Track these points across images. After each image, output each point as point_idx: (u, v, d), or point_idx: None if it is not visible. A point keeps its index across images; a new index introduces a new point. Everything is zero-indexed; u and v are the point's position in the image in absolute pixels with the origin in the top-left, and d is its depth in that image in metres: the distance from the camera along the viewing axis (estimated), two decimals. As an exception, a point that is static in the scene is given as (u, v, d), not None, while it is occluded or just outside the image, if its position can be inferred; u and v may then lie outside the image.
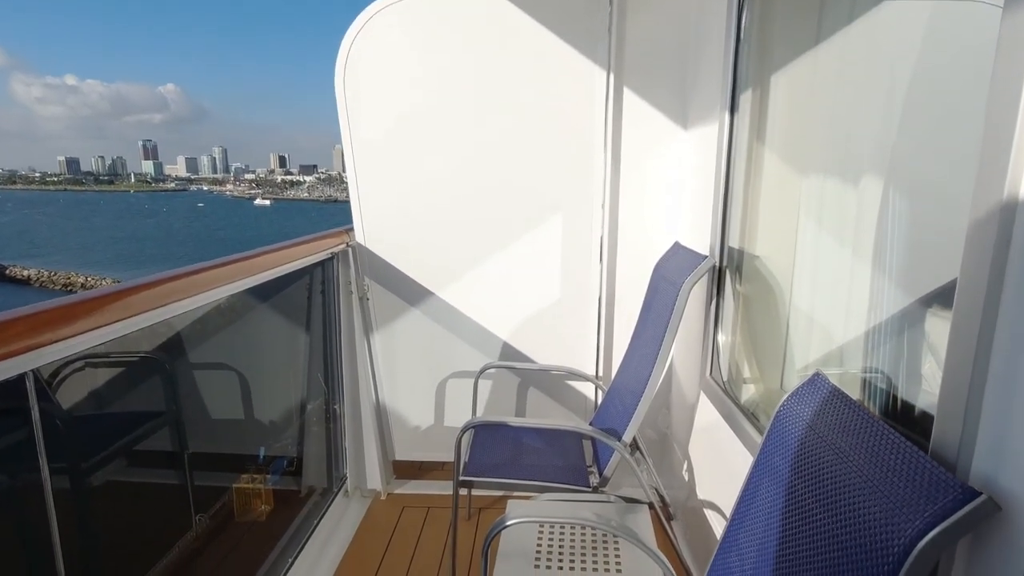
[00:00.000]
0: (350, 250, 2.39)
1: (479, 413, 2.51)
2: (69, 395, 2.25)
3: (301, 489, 2.66)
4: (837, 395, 1.00)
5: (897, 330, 1.24)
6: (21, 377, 0.95)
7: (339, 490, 2.54)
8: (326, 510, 2.39)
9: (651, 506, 1.71)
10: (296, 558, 2.09)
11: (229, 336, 2.83)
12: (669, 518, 2.28)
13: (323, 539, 2.26)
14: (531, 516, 1.29)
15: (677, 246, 2.10)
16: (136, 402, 2.48)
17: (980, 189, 0.73)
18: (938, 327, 1.12)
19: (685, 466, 2.20)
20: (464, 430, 1.78)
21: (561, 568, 1.42)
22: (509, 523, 1.24)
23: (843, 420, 0.95)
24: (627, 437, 1.80)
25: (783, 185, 1.70)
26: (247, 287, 1.74)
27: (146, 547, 2.45)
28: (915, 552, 0.70)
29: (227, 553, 2.61)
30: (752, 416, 1.64)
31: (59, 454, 2.02)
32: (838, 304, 1.48)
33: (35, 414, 1.04)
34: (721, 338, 1.92)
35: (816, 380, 1.06)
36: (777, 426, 1.10)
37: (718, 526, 1.79)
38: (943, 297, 1.06)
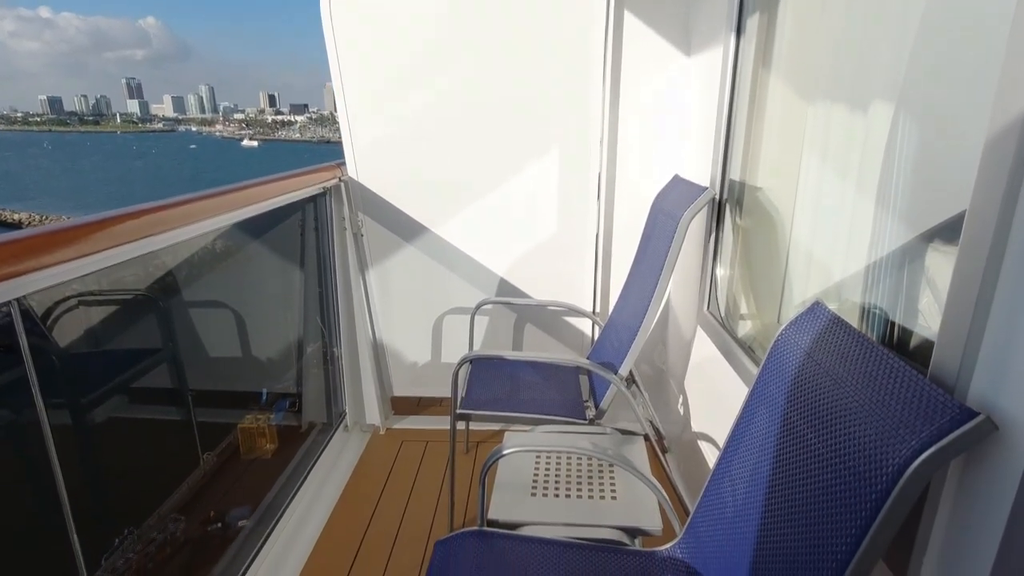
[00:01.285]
0: (342, 185, 2.34)
1: (476, 349, 2.52)
2: (64, 333, 2.24)
3: (302, 425, 2.70)
4: (837, 323, 0.99)
5: (897, 265, 1.22)
6: (7, 309, 0.93)
7: (338, 425, 2.58)
8: (326, 444, 2.43)
9: (646, 438, 1.73)
10: (298, 490, 2.14)
11: (223, 274, 2.81)
12: (664, 450, 2.33)
13: (324, 472, 2.31)
14: (528, 445, 1.30)
15: (677, 179, 2.06)
16: (132, 340, 2.48)
17: (999, 109, 0.70)
18: (938, 261, 1.10)
19: (680, 400, 2.23)
20: (461, 364, 1.79)
21: (557, 496, 1.45)
22: (506, 452, 1.26)
23: (841, 347, 0.94)
24: (623, 371, 1.81)
25: (788, 113, 1.65)
26: (236, 220, 1.71)
27: (156, 484, 2.51)
28: (909, 472, 0.71)
29: (231, 487, 2.67)
30: (748, 349, 1.65)
31: (57, 390, 2.03)
32: (839, 238, 1.46)
33: (23, 343, 1.03)
34: (719, 272, 1.91)
35: (816, 309, 1.05)
36: (774, 355, 1.10)
37: (711, 457, 1.83)
38: (946, 232, 1.04)
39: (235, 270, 2.86)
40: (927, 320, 1.07)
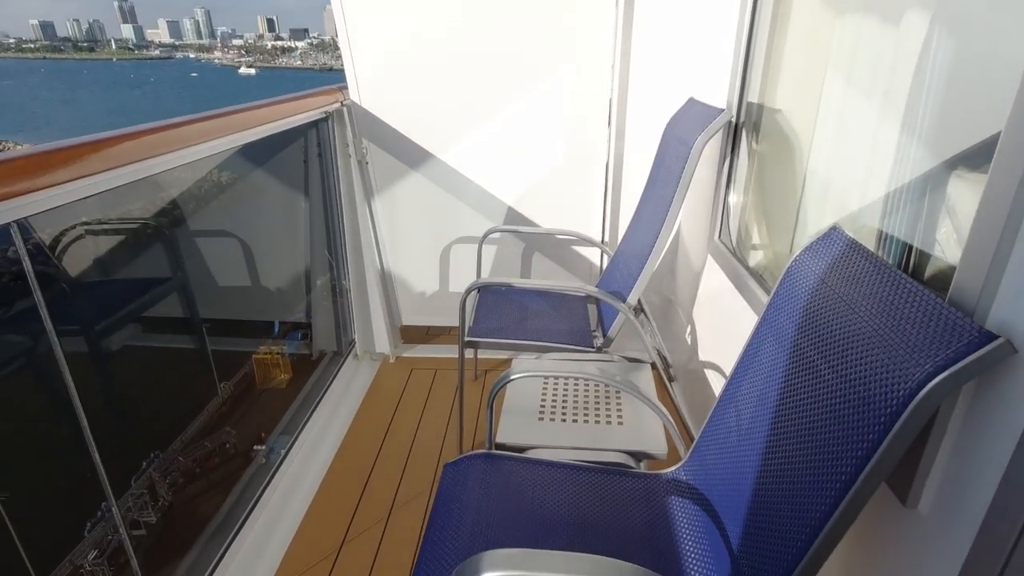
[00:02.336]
0: (344, 109, 2.26)
1: (484, 277, 2.51)
2: (74, 263, 2.25)
3: (313, 353, 2.74)
4: (854, 248, 0.96)
5: (919, 192, 1.18)
6: (6, 231, 0.92)
7: (348, 354, 2.62)
8: (337, 372, 2.48)
9: (653, 366, 1.75)
10: (311, 416, 2.19)
11: (227, 204, 2.79)
12: (670, 379, 2.36)
13: (336, 399, 2.36)
14: (535, 371, 1.31)
15: (692, 102, 1.97)
16: (141, 269, 2.50)
17: None
18: (960, 189, 1.06)
19: (688, 330, 2.23)
20: (468, 291, 1.78)
21: (564, 421, 1.48)
22: (514, 377, 1.26)
23: (857, 272, 0.92)
24: (631, 299, 1.80)
25: (814, 28, 1.55)
26: (237, 145, 1.66)
27: (178, 412, 2.59)
28: (921, 395, 0.70)
29: (247, 415, 2.75)
30: (760, 278, 1.63)
31: (69, 317, 2.06)
32: (858, 164, 1.41)
33: (27, 266, 1.02)
34: (732, 199, 1.86)
35: (832, 234, 1.02)
36: (787, 282, 1.08)
37: (717, 386, 1.85)
38: (972, 158, 1.00)
39: (240, 200, 2.83)
40: (944, 250, 1.04)
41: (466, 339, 1.86)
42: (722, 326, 1.88)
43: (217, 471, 2.40)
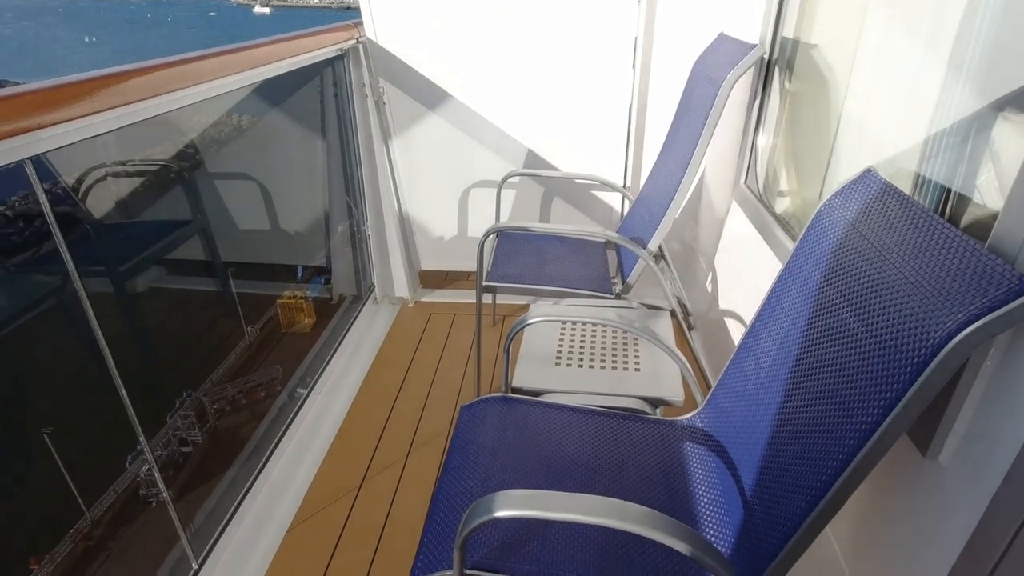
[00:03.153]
0: (360, 47, 2.20)
1: (502, 222, 2.48)
2: (97, 205, 2.27)
3: (333, 297, 2.77)
4: (888, 191, 0.91)
5: (961, 135, 1.11)
6: (21, 168, 0.91)
7: (368, 297, 2.64)
8: (357, 315, 2.50)
9: (672, 314, 1.72)
10: (332, 357, 2.23)
11: (245, 146, 2.77)
12: (689, 327, 2.34)
13: (356, 342, 2.39)
14: (553, 315, 1.30)
15: (722, 37, 1.87)
16: (163, 211, 2.51)
17: None
18: (1007, 132, 1.00)
19: (709, 278, 2.20)
20: (487, 235, 1.76)
21: (581, 366, 1.47)
22: (531, 320, 1.26)
23: (891, 217, 0.88)
24: (652, 245, 1.77)
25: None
26: (250, 83, 1.63)
27: (207, 353, 2.65)
28: (952, 344, 0.67)
29: (273, 356, 2.80)
30: (786, 224, 1.58)
31: (94, 257, 2.09)
32: (898, 105, 1.33)
33: (44, 203, 1.02)
34: (761, 142, 1.79)
35: (866, 177, 0.98)
36: (815, 227, 1.04)
37: (737, 336, 1.83)
38: (1022, 99, 0.93)
39: (257, 143, 2.81)
40: (985, 197, 0.99)
41: (484, 284, 1.85)
42: (744, 274, 1.84)
43: (262, 404, 2.48)
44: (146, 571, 1.63)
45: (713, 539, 1.01)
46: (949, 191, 1.01)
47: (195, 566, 1.44)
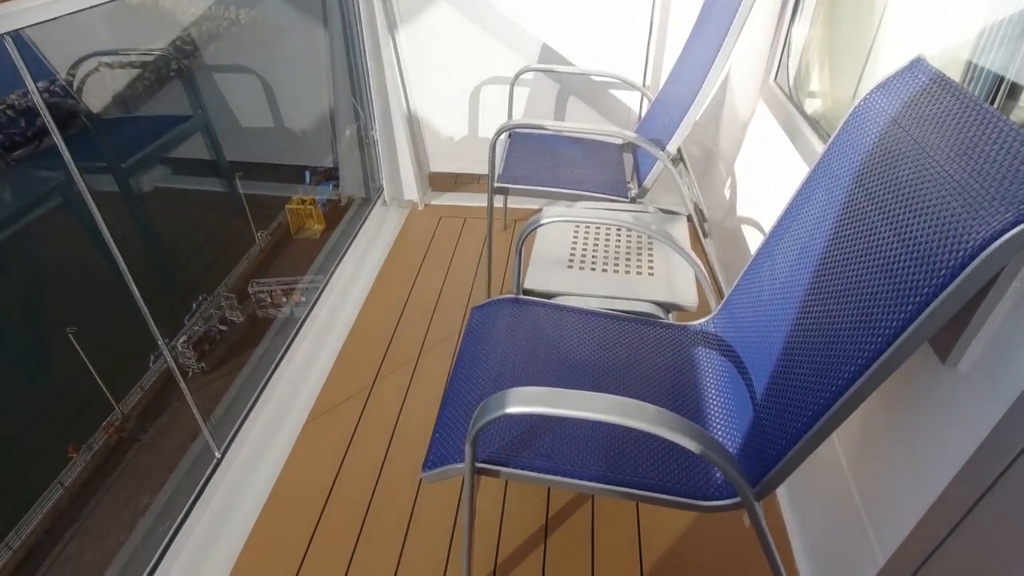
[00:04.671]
0: None
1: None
2: (93, 100, 2.19)
3: (341, 199, 2.72)
4: (939, 83, 0.84)
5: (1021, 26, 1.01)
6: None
7: (377, 200, 2.59)
8: (366, 218, 2.46)
9: (688, 219, 1.67)
10: (340, 261, 2.22)
11: (243, 37, 2.62)
12: (704, 235, 2.29)
13: (365, 244, 2.37)
14: (567, 216, 1.26)
15: (762, -87, 1.69)
16: (161, 105, 2.42)
17: None
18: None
19: (728, 183, 2.12)
20: (499, 133, 1.69)
21: (594, 270, 1.45)
22: (544, 221, 1.22)
23: (939, 111, 0.81)
24: (671, 147, 1.69)
25: None
26: None
27: (219, 258, 2.64)
28: (993, 247, 0.64)
29: (284, 262, 2.80)
30: (816, 125, 1.49)
31: (93, 153, 2.04)
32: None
33: (29, 83, 0.97)
34: (796, 33, 1.66)
35: (915, 66, 0.90)
36: (853, 122, 0.97)
37: (754, 245, 1.78)
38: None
39: (256, 34, 2.66)
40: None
41: (495, 185, 1.80)
42: (767, 180, 1.77)
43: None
44: (174, 459, 1.71)
45: (721, 440, 1.02)
46: (1005, 83, 0.93)
47: (217, 455, 1.51)
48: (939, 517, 0.82)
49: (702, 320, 1.27)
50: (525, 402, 0.77)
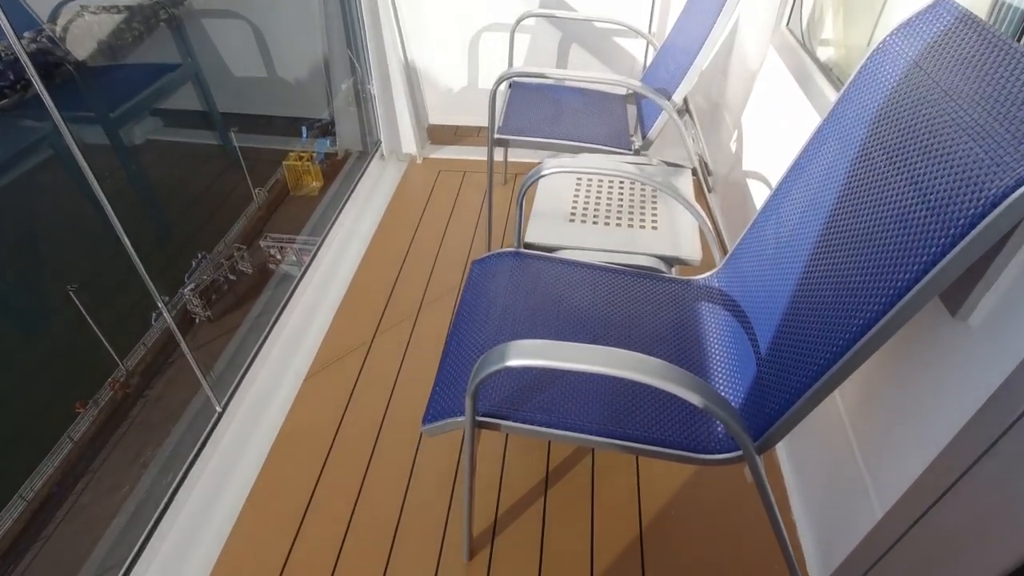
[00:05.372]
0: None
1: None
2: (77, 49, 2.11)
3: (338, 152, 2.67)
4: (965, 21, 0.79)
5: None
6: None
7: (374, 153, 2.53)
8: (363, 172, 2.41)
9: (693, 172, 1.63)
10: (338, 216, 2.18)
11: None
12: (709, 189, 2.25)
13: (363, 198, 2.33)
14: (569, 167, 1.22)
15: None
16: (149, 53, 2.34)
17: None
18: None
19: (735, 136, 2.07)
20: (499, 82, 1.63)
21: (596, 223, 1.42)
22: (546, 172, 1.18)
23: (964, 52, 0.77)
24: (677, 97, 1.64)
25: None
26: None
27: (217, 215, 2.60)
28: (1017, 194, 0.61)
29: (282, 218, 2.76)
30: (828, 72, 1.44)
31: (81, 103, 1.98)
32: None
33: (7, 28, 0.92)
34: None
35: (940, 5, 0.85)
36: (870, 67, 0.93)
37: (760, 199, 1.74)
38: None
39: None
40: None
41: (495, 136, 1.75)
42: (776, 132, 1.72)
43: (243, 280, 2.50)
44: (180, 413, 1.72)
45: (724, 394, 1.01)
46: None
47: (219, 409, 1.51)
48: (940, 472, 0.82)
49: (706, 274, 1.25)
50: (526, 355, 0.76)
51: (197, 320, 2.37)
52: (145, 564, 1.23)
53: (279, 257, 2.54)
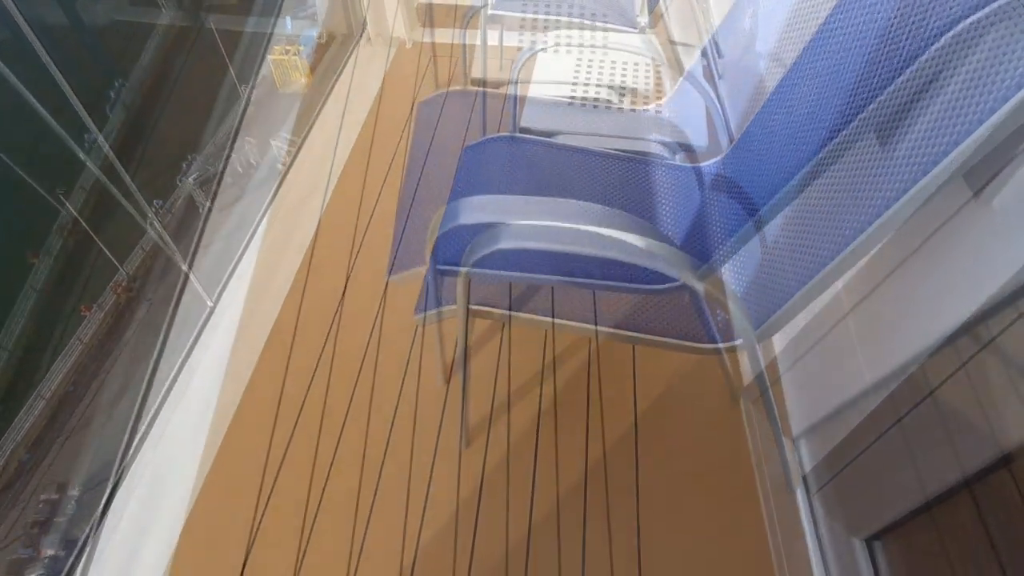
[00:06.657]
0: None
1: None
2: None
3: (322, 35, 2.49)
4: None
5: None
6: None
7: (360, 36, 2.36)
8: (348, 57, 2.26)
9: (703, 54, 1.51)
10: (321, 108, 2.06)
11: None
12: (719, 75, 2.11)
13: (346, 89, 2.19)
14: (568, 42, 1.12)
15: None
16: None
17: None
18: None
19: (749, 13, 1.90)
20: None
21: (597, 107, 1.33)
22: (542, 46, 1.08)
23: None
24: (690, -36, 1.48)
25: None
26: None
27: (202, 116, 2.46)
28: None
29: (268, 118, 2.61)
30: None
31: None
32: None
33: None
34: None
35: None
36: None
37: (772, 86, 1.63)
38: None
39: None
40: None
41: (489, 13, 1.61)
42: (798, 7, 1.58)
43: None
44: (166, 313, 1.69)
45: (727, 282, 0.98)
46: None
47: (210, 304, 1.49)
48: (941, 361, 0.80)
49: (712, 160, 1.18)
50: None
51: (201, 210, 2.32)
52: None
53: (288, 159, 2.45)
